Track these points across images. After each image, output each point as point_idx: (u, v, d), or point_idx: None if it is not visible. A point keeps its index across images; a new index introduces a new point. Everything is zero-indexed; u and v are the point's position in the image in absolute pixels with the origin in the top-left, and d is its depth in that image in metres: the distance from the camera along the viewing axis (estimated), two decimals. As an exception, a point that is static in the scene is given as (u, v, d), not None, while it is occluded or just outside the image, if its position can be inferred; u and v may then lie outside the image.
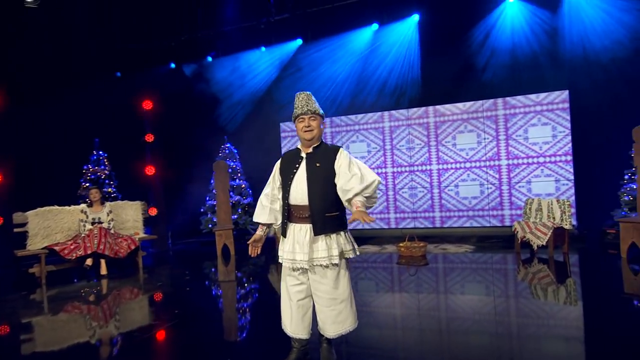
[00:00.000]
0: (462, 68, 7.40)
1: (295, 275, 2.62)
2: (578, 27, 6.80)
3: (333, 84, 8.05)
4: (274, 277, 5.72)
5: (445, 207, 7.59)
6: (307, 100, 2.66)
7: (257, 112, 8.66)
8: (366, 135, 7.95)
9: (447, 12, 7.28)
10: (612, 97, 6.71)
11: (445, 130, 7.53)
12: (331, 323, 2.61)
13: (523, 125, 7.14)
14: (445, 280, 5.07)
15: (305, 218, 2.55)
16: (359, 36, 7.80)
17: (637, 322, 3.50)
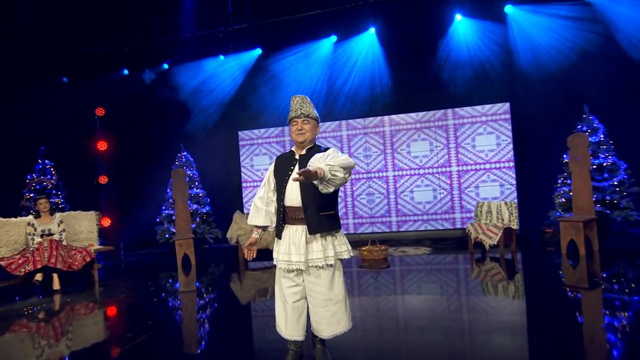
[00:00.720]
0: (415, 80, 7.65)
1: (290, 277, 2.59)
2: (519, 45, 7.22)
3: (292, 93, 8.02)
4: (236, 285, 5.59)
5: (401, 211, 7.77)
6: (302, 103, 2.61)
7: (215, 120, 8.41)
8: (324, 143, 7.98)
9: (401, 28, 7.52)
10: (548, 109, 7.23)
11: (400, 139, 7.74)
12: (326, 324, 2.59)
13: (471, 134, 7.51)
14: (404, 282, 5.14)
15: (301, 219, 2.53)
16: (317, 47, 7.83)
17: (577, 310, 3.78)
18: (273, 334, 3.18)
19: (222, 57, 8.06)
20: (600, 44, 6.87)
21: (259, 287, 5.36)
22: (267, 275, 5.84)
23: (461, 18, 7.35)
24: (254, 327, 3.93)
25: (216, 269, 6.61)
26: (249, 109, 8.19)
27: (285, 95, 7.99)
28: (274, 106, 8.09)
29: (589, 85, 6.87)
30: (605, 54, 6.83)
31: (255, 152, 8.21)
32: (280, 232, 2.60)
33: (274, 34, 7.65)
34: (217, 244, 8.10)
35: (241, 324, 4.00)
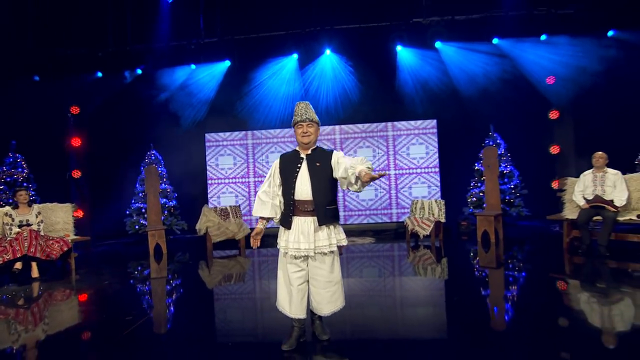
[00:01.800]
0: (363, 96, 8.54)
1: (297, 262, 2.74)
2: (445, 73, 8.37)
3: (257, 103, 8.62)
4: (204, 271, 5.91)
5: (348, 207, 8.69)
6: (306, 109, 2.76)
7: (184, 123, 8.67)
8: (284, 147, 8.60)
9: (351, 51, 8.38)
10: (464, 126, 8.42)
11: (349, 146, 8.59)
12: (327, 303, 2.79)
13: (406, 144, 8.59)
14: (352, 266, 5.76)
15: (310, 211, 2.70)
16: (281, 63, 8.40)
17: (487, 284, 4.72)
18: (245, 310, 3.79)
19: (193, 66, 8.34)
20: (503, 76, 8.15)
21: (225, 272, 5.78)
22: (232, 263, 6.32)
23: (401, 48, 8.46)
24: (226, 307, 4.38)
25: (185, 256, 6.90)
26: (216, 114, 8.60)
27: (251, 103, 8.57)
28: (239, 112, 8.63)
29: (494, 108, 8.12)
30: (507, 84, 8.11)
31: (220, 153, 8.68)
32: (290, 223, 2.73)
33: (242, 48, 8.12)
34: (182, 235, 8.50)
35: (214, 305, 4.42)
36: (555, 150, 8.06)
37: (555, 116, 8.04)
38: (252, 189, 8.67)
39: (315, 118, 2.79)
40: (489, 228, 6.56)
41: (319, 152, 2.82)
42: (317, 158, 2.77)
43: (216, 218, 7.28)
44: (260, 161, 8.67)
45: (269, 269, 5.91)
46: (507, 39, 8.04)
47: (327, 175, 2.74)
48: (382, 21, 8.12)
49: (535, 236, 7.20)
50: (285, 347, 2.82)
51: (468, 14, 8.00)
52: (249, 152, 8.67)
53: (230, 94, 8.59)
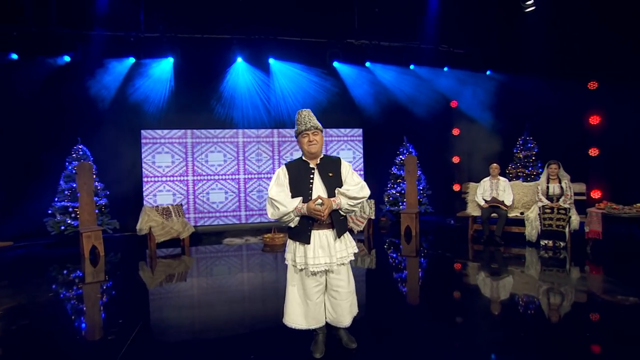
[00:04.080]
0: (299, 104, 8.66)
1: (316, 277, 2.55)
2: (371, 87, 9.00)
3: (196, 102, 8.12)
4: (147, 272, 5.50)
5: (283, 206, 8.87)
6: (309, 116, 2.57)
7: (117, 117, 7.73)
8: (223, 147, 8.41)
9: (292, 61, 8.52)
10: (383, 135, 9.31)
11: (286, 148, 8.74)
12: (347, 314, 2.63)
13: (337, 149, 9.10)
14: None
15: (328, 224, 2.49)
16: (223, 65, 8.07)
17: (408, 269, 5.44)
18: (206, 307, 3.82)
19: (132, 59, 7.52)
20: (417, 96, 9.13)
21: (171, 272, 5.46)
22: (177, 262, 5.96)
23: (337, 64, 8.86)
24: (186, 305, 4.25)
25: (120, 257, 6.26)
26: (154, 111, 7.87)
27: (192, 103, 8.09)
28: (179, 111, 8.06)
29: (408, 122, 9.16)
30: (420, 103, 9.13)
31: (158, 151, 7.98)
32: (309, 237, 2.48)
33: (186, 47, 7.59)
34: (113, 235, 7.60)
35: (169, 305, 4.30)
36: (456, 160, 9.43)
37: (456, 133, 9.39)
38: (190, 188, 8.21)
39: (319, 125, 2.58)
40: (410, 223, 7.38)
41: (328, 161, 2.62)
42: (328, 167, 2.57)
43: (159, 217, 6.76)
44: (199, 160, 8.25)
45: (215, 265, 5.85)
46: (421, 66, 9.07)
47: (339, 186, 2.55)
48: (321, 37, 8.45)
49: (438, 229, 8.23)
50: (318, 355, 2.63)
51: (391, 42, 8.82)
52: (188, 150, 8.18)
53: (170, 92, 7.97)
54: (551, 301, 4.06)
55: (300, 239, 2.53)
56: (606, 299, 4.03)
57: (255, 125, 8.56)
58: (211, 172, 8.32)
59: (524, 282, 4.73)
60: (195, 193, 8.22)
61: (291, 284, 2.62)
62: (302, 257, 2.53)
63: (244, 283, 4.98)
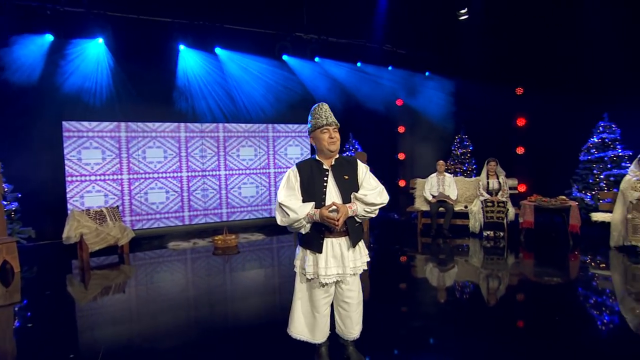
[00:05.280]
0: (247, 97, 8.23)
1: (326, 288, 2.35)
2: (321, 81, 8.77)
3: (130, 91, 7.04)
4: (77, 287, 4.74)
5: (230, 204, 8.26)
6: (329, 111, 2.33)
7: (31, 106, 6.42)
8: (163, 142, 7.50)
9: (239, 50, 7.93)
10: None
11: (232, 144, 8.22)
12: (356, 324, 2.47)
13: (284, 145, 8.75)
14: (261, 260, 5.68)
15: (342, 232, 2.26)
16: (162, 51, 7.17)
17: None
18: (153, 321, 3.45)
19: (50, 37, 6.25)
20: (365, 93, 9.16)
21: (106, 284, 4.73)
22: (116, 273, 5.23)
23: (286, 57, 8.47)
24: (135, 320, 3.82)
25: (46, 271, 5.31)
26: (79, 100, 6.66)
27: (126, 92, 7.01)
28: (111, 100, 6.91)
29: (354, 119, 9.17)
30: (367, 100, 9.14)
31: (85, 145, 6.81)
32: (321, 246, 2.26)
33: (118, 28, 6.51)
34: (27, 244, 6.35)
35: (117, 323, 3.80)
36: (402, 157, 9.70)
37: (402, 130, 9.65)
38: (125, 188, 7.22)
39: (337, 122, 2.34)
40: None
41: (344, 162, 2.36)
42: (343, 170, 2.32)
43: (92, 223, 5.81)
44: (136, 156, 7.30)
45: (162, 272, 5.26)
46: (368, 64, 9.11)
47: (356, 190, 2.31)
48: (270, 28, 7.99)
49: (384, 224, 8.37)
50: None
51: (339, 38, 8.70)
52: (122, 146, 7.16)
53: (100, 78, 6.84)
54: (490, 285, 4.49)
55: (311, 247, 2.30)
56: (536, 280, 4.58)
57: (200, 119, 7.83)
58: (150, 169, 7.42)
59: (467, 270, 5.13)
60: (132, 193, 7.28)
61: (299, 293, 2.43)
62: (312, 266, 2.30)
63: (194, 290, 4.55)
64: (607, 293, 4.07)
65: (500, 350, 2.88)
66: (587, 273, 4.85)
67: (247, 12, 7.56)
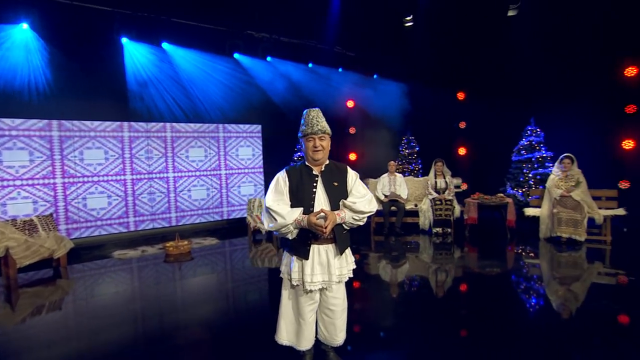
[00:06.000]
0: (196, 96, 7.78)
1: (311, 295, 2.33)
2: (271, 81, 8.62)
3: (67, 86, 6.30)
4: (0, 309, 4.15)
5: (180, 208, 7.79)
6: (317, 118, 2.27)
7: None
8: (103, 142, 6.83)
9: (189, 47, 7.54)
10: (278, 132, 9.06)
11: (180, 145, 7.73)
12: (340, 331, 2.45)
13: (235, 145, 8.46)
14: (216, 266, 5.46)
15: (329, 238, 2.25)
16: (101, 43, 6.51)
17: None
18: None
19: None
20: (316, 94, 9.13)
21: (39, 303, 4.18)
22: (51, 290, 4.61)
23: (237, 55, 8.21)
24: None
25: None
26: (2, 93, 5.84)
27: (55, 86, 6.19)
28: (40, 95, 6.07)
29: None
30: (319, 101, 9.08)
31: (7, 146, 5.91)
32: (307, 252, 2.24)
33: (47, 14, 5.79)
34: None
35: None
36: (353, 157, 9.84)
37: (352, 131, 9.78)
38: (60, 193, 6.46)
39: (328, 129, 2.29)
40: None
41: (333, 169, 2.34)
42: (333, 176, 2.30)
43: (19, 235, 5.12)
44: (71, 158, 6.56)
45: (103, 283, 4.83)
46: (319, 65, 9.11)
47: (345, 197, 2.29)
48: (220, 25, 7.64)
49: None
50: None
51: (291, 38, 8.59)
52: (54, 146, 6.39)
53: (27, 70, 6.02)
54: (438, 278, 4.80)
55: (298, 254, 2.29)
56: (479, 271, 4.98)
57: (145, 118, 7.26)
58: (88, 172, 6.73)
59: (418, 265, 5.39)
60: (67, 199, 6.53)
61: (285, 299, 2.42)
62: (297, 272, 2.30)
63: (142, 301, 4.23)
64: (535, 279, 4.60)
65: (449, 335, 3.18)
66: (521, 262, 5.36)
67: (195, 7, 7.15)
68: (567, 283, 4.41)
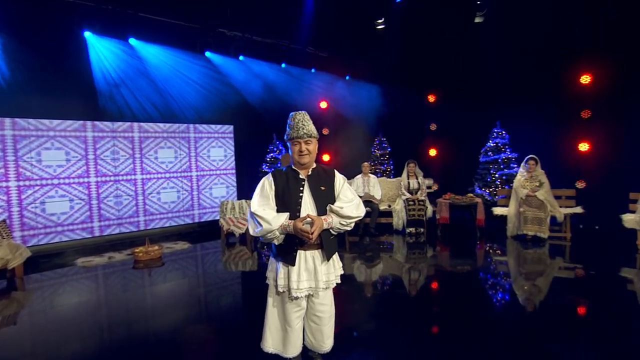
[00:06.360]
0: (166, 96, 7.49)
1: (298, 302, 2.28)
2: (242, 82, 8.42)
3: (21, 81, 5.78)
4: None
5: (148, 211, 7.44)
6: (304, 121, 2.21)
7: None
8: (65, 143, 6.40)
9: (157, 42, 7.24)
10: (251, 134, 8.91)
11: (149, 145, 7.40)
12: (327, 338, 2.39)
13: (207, 146, 8.22)
14: (189, 271, 5.26)
15: (316, 244, 2.20)
16: (64, 36, 6.08)
17: None
18: None
19: None
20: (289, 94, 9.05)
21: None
22: (2, 303, 4.20)
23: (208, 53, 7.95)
24: None
25: None
26: None
27: (7, 81, 5.75)
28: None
29: (278, 121, 9.07)
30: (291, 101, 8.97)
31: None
32: (294, 258, 2.19)
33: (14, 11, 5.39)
34: None
35: None
36: (327, 159, 9.81)
37: (326, 132, 9.75)
38: (14, 197, 6.00)
39: (315, 132, 2.23)
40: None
41: (321, 172, 2.29)
42: (320, 181, 2.25)
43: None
44: (27, 159, 6.11)
45: (64, 293, 4.53)
46: (292, 65, 9.02)
47: (332, 202, 2.25)
48: (190, 22, 7.38)
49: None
50: None
51: (264, 37, 8.45)
52: (7, 146, 5.92)
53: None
54: (411, 277, 4.91)
55: (284, 259, 2.22)
56: (451, 270, 5.15)
57: (111, 117, 6.89)
58: (48, 174, 6.30)
59: (392, 265, 5.47)
60: (23, 204, 6.07)
61: (271, 306, 2.35)
62: (284, 278, 2.24)
63: (108, 310, 4.01)
64: (503, 275, 4.82)
65: (424, 333, 3.29)
66: (491, 259, 5.56)
67: (163, 2, 6.86)
68: (532, 278, 4.65)
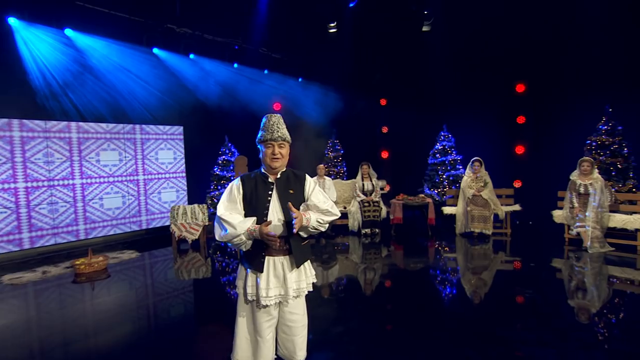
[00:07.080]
0: (108, 94, 6.89)
1: (268, 311, 2.17)
2: (190, 81, 8.01)
3: None
4: None
5: (90, 219, 6.78)
6: (278, 124, 2.15)
7: None
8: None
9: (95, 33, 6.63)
10: (204, 134, 8.56)
11: (89, 147, 6.75)
12: (299, 349, 2.27)
13: (155, 148, 7.73)
14: (119, 285, 4.91)
15: (284, 250, 2.13)
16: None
17: None
18: None
19: None
20: (240, 94, 8.71)
21: None
22: None
23: (157, 50, 7.49)
24: None
25: None
26: None
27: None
28: None
29: (230, 121, 8.73)
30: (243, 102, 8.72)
31: None
32: (262, 264, 2.11)
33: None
34: None
35: None
36: (282, 161, 9.62)
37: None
38: None
39: (288, 137, 2.17)
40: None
41: (290, 176, 2.21)
42: (289, 184, 2.17)
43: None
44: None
45: (25, 304, 4.06)
46: (244, 66, 8.77)
47: (300, 205, 2.17)
48: (136, 15, 6.88)
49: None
50: None
51: (215, 36, 8.14)
52: None
53: None
54: (367, 276, 5.04)
55: (252, 266, 2.13)
56: (405, 267, 5.42)
57: (43, 115, 6.21)
58: (-34, 180, 5.52)
59: (348, 266, 5.55)
60: None
61: (240, 316, 2.22)
62: (252, 286, 2.14)
63: (40, 331, 3.62)
64: (451, 270, 5.12)
65: (377, 328, 3.44)
66: (441, 256, 5.85)
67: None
68: (479, 272, 4.98)
